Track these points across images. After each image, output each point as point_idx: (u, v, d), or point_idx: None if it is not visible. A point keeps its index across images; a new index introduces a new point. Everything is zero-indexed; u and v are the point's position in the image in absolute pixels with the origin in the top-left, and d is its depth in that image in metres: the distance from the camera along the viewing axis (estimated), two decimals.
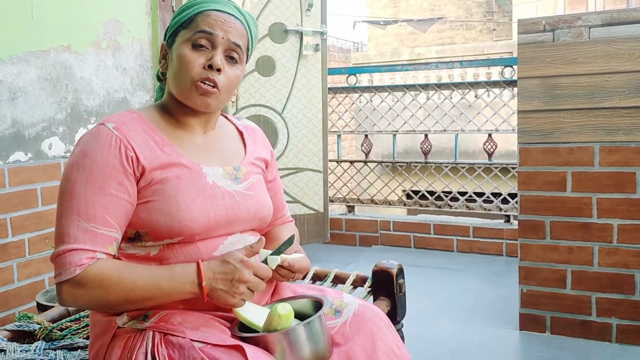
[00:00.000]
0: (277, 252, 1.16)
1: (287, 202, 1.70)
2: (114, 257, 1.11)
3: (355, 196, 4.49)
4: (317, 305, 1.16)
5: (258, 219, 1.25)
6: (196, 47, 1.15)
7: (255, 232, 1.27)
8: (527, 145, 2.49)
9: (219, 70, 1.15)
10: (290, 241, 1.18)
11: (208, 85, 1.14)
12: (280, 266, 1.17)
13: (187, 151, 1.18)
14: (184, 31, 1.17)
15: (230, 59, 1.18)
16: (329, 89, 4.22)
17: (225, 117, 1.37)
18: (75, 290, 1.05)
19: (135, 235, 1.14)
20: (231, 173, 1.22)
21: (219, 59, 1.15)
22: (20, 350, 1.34)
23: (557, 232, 2.47)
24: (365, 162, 4.44)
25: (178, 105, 1.20)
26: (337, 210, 4.64)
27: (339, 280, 1.75)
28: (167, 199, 1.11)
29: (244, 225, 1.22)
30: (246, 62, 1.26)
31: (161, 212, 1.10)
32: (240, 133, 1.34)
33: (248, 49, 1.23)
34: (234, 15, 1.19)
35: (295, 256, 1.19)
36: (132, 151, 1.10)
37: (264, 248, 1.18)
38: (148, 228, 1.11)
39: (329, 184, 4.26)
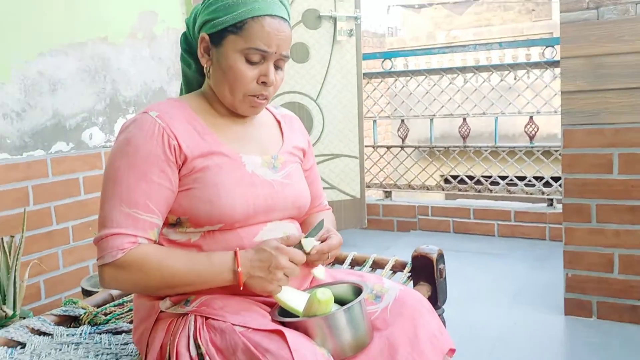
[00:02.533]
0: (308, 236, 1.16)
1: (324, 188, 1.69)
2: (155, 242, 1.12)
3: (392, 181, 4.45)
4: (357, 290, 1.15)
5: (296, 207, 1.25)
6: (249, 61, 1.14)
7: (293, 219, 1.27)
8: (571, 126, 2.41)
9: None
10: (320, 225, 1.18)
11: (261, 99, 1.17)
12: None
13: (226, 139, 1.18)
14: (235, 37, 1.13)
15: (278, 66, 1.19)
16: (364, 74, 4.18)
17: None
18: (117, 273, 1.08)
19: (176, 222, 1.15)
20: (269, 162, 1.22)
21: (272, 75, 1.16)
22: (67, 335, 1.37)
23: (603, 216, 2.39)
24: (402, 147, 4.39)
25: (219, 101, 1.21)
26: (374, 195, 4.61)
27: (377, 265, 1.73)
28: (207, 187, 1.11)
29: (283, 213, 1.22)
30: None
31: (202, 200, 1.11)
32: (278, 122, 1.34)
33: None
34: (284, 19, 1.16)
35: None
36: (174, 139, 1.11)
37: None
38: (189, 215, 1.12)
39: (365, 170, 4.23)
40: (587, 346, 2.23)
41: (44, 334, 1.38)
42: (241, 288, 1.09)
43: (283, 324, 1.05)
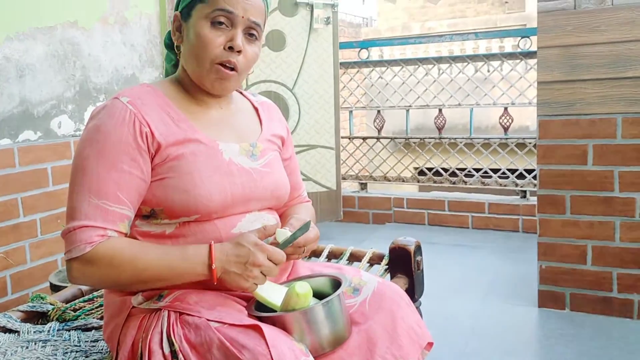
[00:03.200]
0: (292, 238, 1.11)
1: None
2: (126, 235, 1.08)
3: (367, 173, 4.44)
4: (336, 283, 1.12)
5: (275, 197, 1.22)
6: (215, 25, 1.10)
7: (272, 210, 1.24)
8: (547, 117, 2.42)
9: (239, 51, 1.11)
10: (306, 227, 1.13)
11: (228, 68, 1.11)
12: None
13: (202, 126, 1.14)
14: (201, 5, 1.11)
15: (250, 36, 1.13)
16: (340, 64, 4.15)
17: (241, 93, 1.32)
18: (85, 268, 1.03)
19: (150, 213, 1.11)
20: (247, 150, 1.18)
21: (239, 40, 1.10)
22: (34, 331, 1.32)
23: (577, 207, 2.41)
24: (377, 139, 4.38)
25: (193, 82, 1.16)
26: (349, 187, 4.60)
27: (354, 258, 1.71)
28: (182, 175, 1.07)
29: (261, 203, 1.18)
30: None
31: (177, 189, 1.07)
32: (256, 109, 1.30)
33: (265, 20, 1.18)
34: None
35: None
36: (146, 126, 1.06)
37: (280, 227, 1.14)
38: (163, 206, 1.08)
39: (341, 161, 4.21)
40: (560, 338, 2.26)
41: (10, 331, 1.33)
42: (215, 283, 1.05)
43: (260, 318, 1.02)
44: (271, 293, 1.09)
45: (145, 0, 2.84)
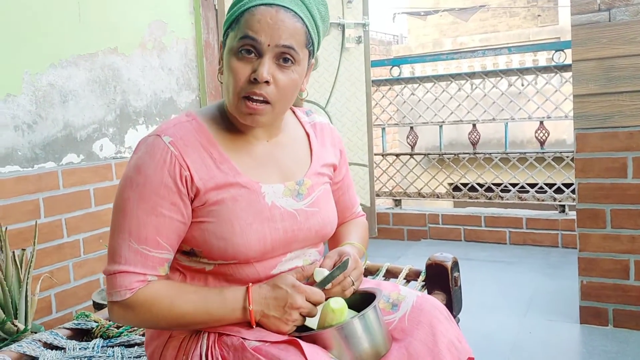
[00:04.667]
0: (330, 277, 1.08)
1: None
2: (166, 276, 1.08)
3: (401, 190, 4.42)
4: (371, 297, 1.12)
5: (320, 236, 1.18)
6: (242, 54, 1.03)
7: (316, 245, 1.21)
8: (584, 130, 2.39)
9: (267, 82, 1.02)
10: (344, 265, 1.08)
11: (256, 101, 1.03)
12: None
13: (246, 167, 1.10)
14: (232, 33, 1.05)
15: (284, 62, 1.04)
16: (372, 81, 4.17)
17: (294, 113, 1.26)
18: (126, 313, 1.04)
19: (190, 251, 1.10)
20: (293, 189, 1.14)
21: (265, 70, 1.01)
22: (80, 348, 1.36)
23: (618, 221, 2.35)
24: (411, 155, 4.37)
25: None
26: (383, 204, 4.59)
27: (391, 274, 1.71)
28: (221, 222, 1.05)
29: (304, 243, 1.15)
30: (315, 52, 1.12)
31: (215, 235, 1.05)
32: (307, 135, 1.24)
33: (309, 40, 1.07)
34: (284, 7, 1.03)
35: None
36: (187, 170, 1.03)
37: (321, 266, 1.12)
38: (202, 248, 1.07)
39: (375, 178, 4.21)
40: (603, 355, 2.20)
41: (57, 347, 1.37)
42: (254, 326, 1.04)
43: (298, 338, 1.03)
44: None
45: (181, 26, 2.93)
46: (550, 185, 3.93)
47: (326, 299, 1.06)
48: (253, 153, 1.13)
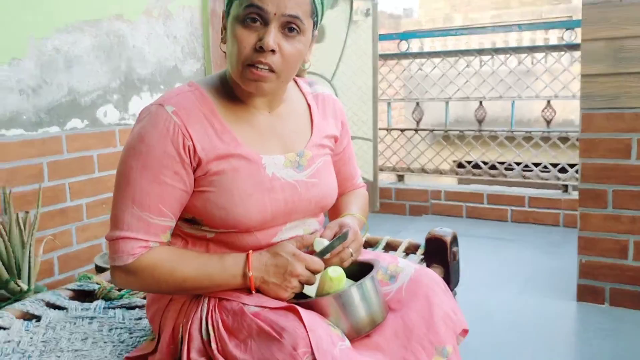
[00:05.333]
0: (330, 247, 1.10)
1: None
2: (169, 243, 1.10)
3: (405, 165, 4.42)
4: (369, 268, 1.13)
5: (320, 207, 1.19)
6: (247, 23, 1.02)
7: (316, 215, 1.22)
8: (590, 110, 2.37)
9: (273, 51, 1.02)
10: (344, 236, 1.10)
11: (262, 69, 1.03)
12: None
13: (247, 138, 1.10)
14: (236, 1, 1.04)
15: (289, 31, 1.04)
16: (379, 55, 4.14)
17: (296, 83, 1.25)
18: (128, 277, 1.06)
19: (191, 219, 1.11)
20: (294, 160, 1.14)
21: (271, 39, 1.01)
22: (82, 309, 1.39)
23: (619, 202, 2.36)
24: (416, 131, 4.36)
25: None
26: (386, 179, 4.60)
27: (390, 247, 1.73)
28: (222, 192, 1.06)
29: (304, 214, 1.16)
30: (319, 23, 1.12)
31: (216, 205, 1.06)
32: (309, 106, 1.23)
33: (314, 11, 1.07)
34: None
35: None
36: (189, 140, 1.04)
37: (321, 236, 1.13)
38: (203, 216, 1.09)
39: (379, 153, 4.21)
40: (598, 332, 2.22)
41: (59, 307, 1.39)
42: (254, 292, 1.06)
43: (296, 305, 1.04)
44: None
45: None
46: (555, 165, 3.92)
47: (325, 268, 1.08)
48: (254, 124, 1.13)
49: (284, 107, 1.18)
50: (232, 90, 1.13)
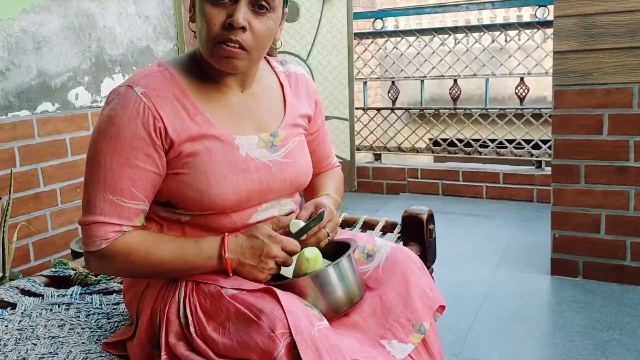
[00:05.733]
0: (306, 228, 1.10)
1: None
2: (142, 226, 1.08)
3: (382, 144, 4.43)
4: (346, 247, 1.14)
5: (294, 187, 1.19)
6: (216, 1, 1.01)
7: (292, 194, 1.22)
8: (562, 87, 2.40)
9: (243, 28, 1.01)
10: (320, 217, 1.10)
11: (232, 46, 1.01)
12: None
13: (219, 118, 1.09)
14: None
15: (259, 8, 1.03)
16: (354, 34, 4.11)
17: (268, 62, 1.24)
18: (102, 262, 1.05)
19: (166, 202, 1.10)
20: (267, 141, 1.13)
21: (240, 16, 1.00)
22: (58, 295, 1.37)
23: (592, 177, 2.40)
24: (392, 110, 4.36)
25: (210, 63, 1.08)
26: (363, 158, 4.61)
27: (368, 226, 1.74)
28: (197, 174, 1.05)
29: (279, 194, 1.16)
30: (288, 1, 1.12)
31: (190, 187, 1.05)
32: (282, 85, 1.23)
33: None
34: None
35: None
36: (160, 121, 1.02)
37: (297, 217, 1.13)
38: (178, 199, 1.08)
39: (355, 132, 4.21)
40: (572, 304, 2.28)
41: (35, 294, 1.38)
42: (231, 274, 1.06)
43: (274, 286, 1.04)
44: None
45: None
46: (528, 142, 3.97)
47: (301, 249, 1.08)
48: (227, 104, 1.12)
49: (256, 86, 1.17)
50: (204, 70, 1.11)
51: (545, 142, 3.85)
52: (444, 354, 1.16)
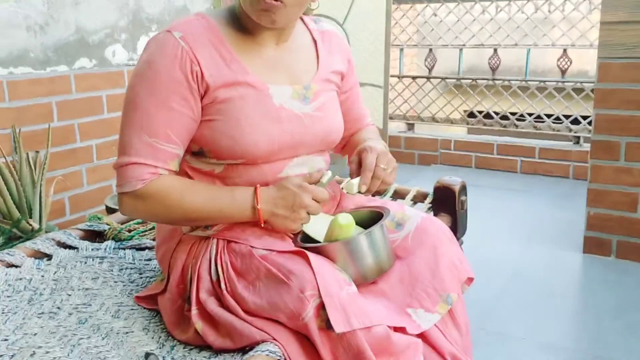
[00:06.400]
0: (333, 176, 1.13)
1: None
2: (176, 173, 1.09)
3: (415, 114, 4.37)
4: (379, 216, 1.13)
5: (325, 143, 1.19)
6: None
7: (323, 152, 1.22)
8: (608, 60, 2.31)
9: None
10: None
11: (271, 0, 1.01)
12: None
13: (255, 67, 1.10)
14: None
15: None
16: None
17: (302, 21, 1.25)
18: (137, 203, 1.06)
19: (199, 151, 1.11)
20: (300, 93, 1.14)
21: None
22: (92, 249, 1.40)
23: (632, 154, 2.33)
24: (428, 79, 4.28)
25: (248, 15, 1.08)
26: (396, 128, 4.56)
27: (398, 195, 1.72)
28: (230, 120, 1.06)
29: (310, 148, 1.16)
30: None
31: (224, 133, 1.06)
32: (315, 42, 1.23)
33: None
34: None
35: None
36: (197, 65, 1.03)
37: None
38: (211, 147, 1.08)
39: (389, 101, 4.15)
40: (602, 284, 2.24)
41: (70, 247, 1.41)
42: (262, 225, 1.07)
43: (305, 249, 1.05)
44: (316, 225, 1.12)
45: None
46: (567, 117, 3.86)
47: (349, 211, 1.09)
48: (262, 55, 1.13)
49: (291, 42, 1.18)
50: (241, 22, 1.12)
51: (585, 117, 3.74)
52: (470, 326, 1.15)
